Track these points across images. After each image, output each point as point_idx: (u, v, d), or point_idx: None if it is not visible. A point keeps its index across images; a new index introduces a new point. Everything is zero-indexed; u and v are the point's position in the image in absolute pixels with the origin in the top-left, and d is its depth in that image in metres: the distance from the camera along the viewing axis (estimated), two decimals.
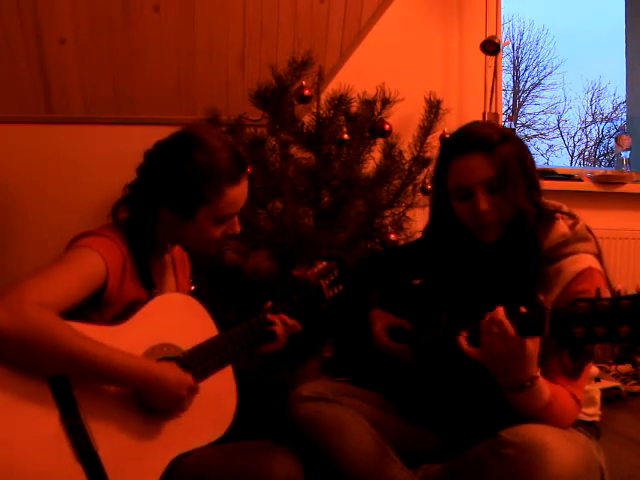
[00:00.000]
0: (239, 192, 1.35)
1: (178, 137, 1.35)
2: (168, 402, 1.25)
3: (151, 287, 1.36)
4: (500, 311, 1.14)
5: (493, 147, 1.30)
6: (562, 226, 1.35)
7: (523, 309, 1.15)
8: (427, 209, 1.52)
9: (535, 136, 14.72)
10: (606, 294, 1.04)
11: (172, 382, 1.23)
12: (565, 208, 1.42)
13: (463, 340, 1.20)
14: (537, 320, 1.09)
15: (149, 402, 1.23)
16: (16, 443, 1.09)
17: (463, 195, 1.34)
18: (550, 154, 14.61)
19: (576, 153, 14.84)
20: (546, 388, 1.18)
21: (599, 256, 1.34)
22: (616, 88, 14.35)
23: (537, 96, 14.97)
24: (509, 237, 1.34)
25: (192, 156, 1.30)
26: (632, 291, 1.00)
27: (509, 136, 1.35)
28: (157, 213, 1.34)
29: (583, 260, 1.30)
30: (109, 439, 1.18)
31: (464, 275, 1.42)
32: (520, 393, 1.17)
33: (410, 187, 2.53)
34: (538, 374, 1.17)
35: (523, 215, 1.31)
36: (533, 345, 1.14)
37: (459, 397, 1.40)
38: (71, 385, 1.16)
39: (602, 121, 14.66)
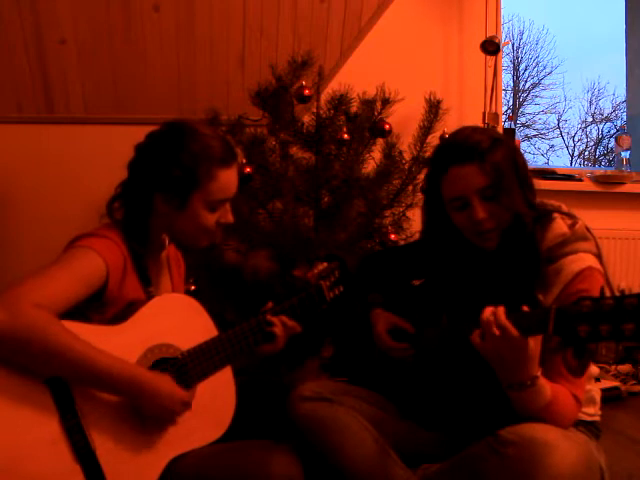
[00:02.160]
0: (230, 176, 1.37)
1: (170, 128, 1.37)
2: (159, 414, 1.24)
3: (148, 285, 1.36)
4: (501, 312, 1.14)
5: (484, 155, 1.30)
6: (561, 226, 1.35)
7: (525, 308, 1.15)
8: None
9: (535, 136, 14.74)
10: (607, 294, 1.04)
11: (163, 396, 1.22)
12: (564, 208, 1.42)
13: (476, 337, 1.19)
14: (541, 318, 1.09)
15: (141, 412, 1.23)
16: (15, 443, 1.09)
17: (460, 205, 1.34)
18: (550, 154, 14.63)
19: (576, 153, 14.85)
20: (547, 388, 1.19)
21: (599, 256, 1.34)
22: (616, 88, 14.37)
23: (537, 96, 14.99)
24: (508, 242, 1.34)
25: (185, 144, 1.32)
26: (636, 290, 1.00)
27: (499, 140, 1.34)
28: (151, 203, 1.35)
29: (583, 259, 1.30)
30: (107, 439, 1.18)
31: (464, 277, 1.42)
32: (521, 392, 1.17)
33: (410, 187, 2.52)
34: (539, 374, 1.17)
35: (521, 219, 1.32)
36: (535, 344, 1.14)
37: (459, 397, 1.40)
38: (70, 386, 1.16)
39: (602, 121, 14.68)
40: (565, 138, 14.84)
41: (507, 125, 3.15)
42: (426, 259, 1.52)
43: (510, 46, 14.11)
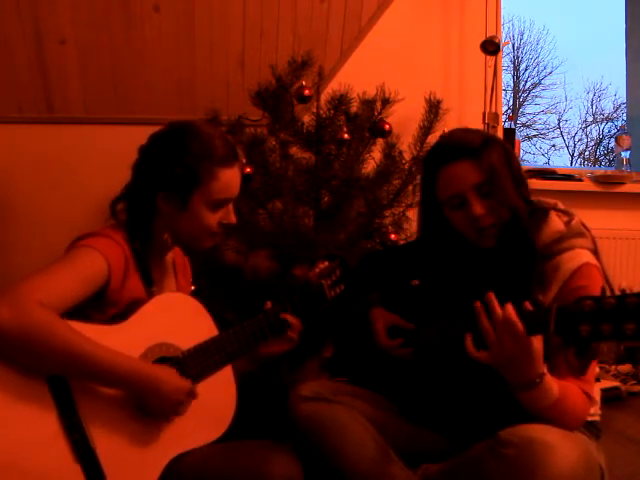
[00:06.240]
0: (232, 176, 1.36)
1: (173, 129, 1.37)
2: (165, 407, 1.24)
3: (150, 285, 1.36)
4: (511, 310, 1.14)
5: (478, 152, 1.31)
6: (557, 222, 1.36)
7: (528, 304, 1.15)
8: None
9: (535, 136, 14.75)
10: (606, 290, 1.04)
11: (169, 387, 1.23)
12: (560, 205, 1.43)
13: (470, 344, 1.20)
14: (542, 318, 1.09)
15: (146, 406, 1.23)
16: (14, 441, 1.09)
17: (457, 203, 1.35)
18: (550, 154, 14.64)
19: (576, 153, 14.86)
20: (554, 384, 1.19)
21: (595, 252, 1.35)
22: (617, 89, 14.37)
23: (537, 96, 14.99)
24: (505, 239, 1.35)
25: (187, 144, 1.32)
26: (637, 290, 1.00)
27: (491, 139, 1.36)
28: (154, 204, 1.35)
29: (579, 256, 1.30)
30: (107, 438, 1.18)
31: (461, 277, 1.42)
32: (530, 391, 1.17)
33: (410, 187, 2.52)
34: (545, 371, 1.17)
35: (517, 214, 1.32)
36: (538, 342, 1.14)
37: (460, 397, 1.40)
38: (69, 384, 1.16)
39: (602, 121, 14.68)
40: (565, 138, 14.86)
41: (507, 125, 3.15)
42: (424, 259, 1.53)
43: (510, 46, 14.13)
